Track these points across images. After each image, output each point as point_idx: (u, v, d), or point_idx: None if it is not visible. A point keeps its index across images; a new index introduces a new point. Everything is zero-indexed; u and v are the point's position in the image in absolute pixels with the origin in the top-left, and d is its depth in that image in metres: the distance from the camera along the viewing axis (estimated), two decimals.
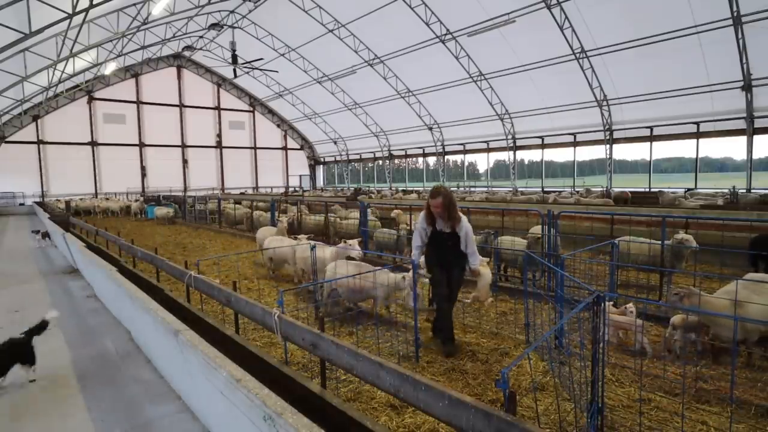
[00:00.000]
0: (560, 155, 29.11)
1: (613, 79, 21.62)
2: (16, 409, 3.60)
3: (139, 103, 35.39)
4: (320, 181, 46.78)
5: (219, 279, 5.92)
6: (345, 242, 6.67)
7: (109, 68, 28.40)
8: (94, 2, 13.45)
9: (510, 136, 28.33)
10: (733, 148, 21.34)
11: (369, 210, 11.06)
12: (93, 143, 33.40)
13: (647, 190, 22.54)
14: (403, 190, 29.56)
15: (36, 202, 28.03)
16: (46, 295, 7.22)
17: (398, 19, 23.82)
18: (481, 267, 5.18)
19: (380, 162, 39.59)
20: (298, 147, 45.31)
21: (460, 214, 4.76)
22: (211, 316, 5.33)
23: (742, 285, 4.23)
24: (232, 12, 28.83)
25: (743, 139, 19.30)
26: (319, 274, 6.17)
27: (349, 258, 6.22)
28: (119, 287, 5.16)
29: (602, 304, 2.83)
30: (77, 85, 30.17)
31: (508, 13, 20.33)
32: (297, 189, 39.61)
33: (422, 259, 5.00)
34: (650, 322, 5.31)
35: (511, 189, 26.33)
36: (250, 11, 28.35)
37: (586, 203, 15.78)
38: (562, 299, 4.32)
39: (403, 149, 36.60)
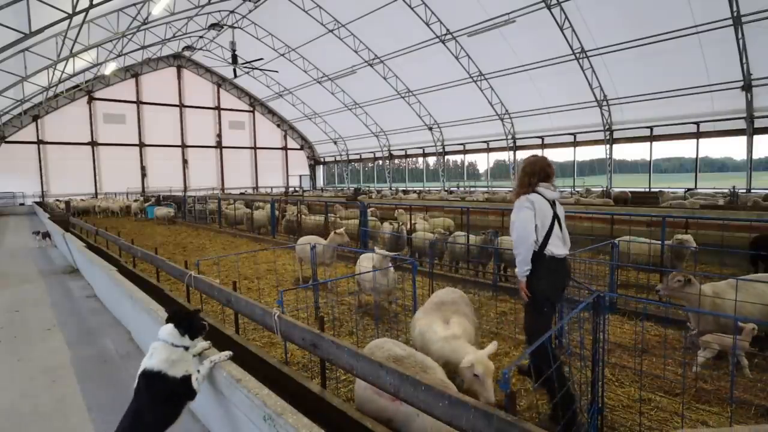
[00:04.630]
0: (560, 155, 29.09)
1: (613, 79, 21.62)
2: (17, 408, 3.60)
3: (139, 103, 35.38)
4: (320, 181, 46.78)
5: (219, 279, 5.92)
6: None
7: (109, 68, 28.40)
8: (94, 2, 13.45)
9: (510, 136, 28.33)
10: (733, 148, 21.38)
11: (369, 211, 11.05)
12: (93, 143, 33.40)
13: (647, 190, 22.54)
14: (403, 191, 29.56)
15: (36, 202, 28.04)
16: (46, 295, 7.22)
17: (398, 19, 23.82)
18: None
19: (380, 162, 39.59)
20: (298, 147, 45.31)
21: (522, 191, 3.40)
22: (211, 316, 5.33)
23: (725, 282, 4.46)
24: (232, 12, 28.83)
25: (743, 139, 19.31)
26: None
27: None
28: (119, 287, 5.16)
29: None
30: (77, 85, 30.18)
31: (508, 13, 20.33)
32: (297, 189, 39.61)
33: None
34: (650, 322, 5.30)
35: (511, 189, 26.32)
36: (250, 11, 28.36)
37: (586, 203, 15.77)
38: (562, 299, 4.32)
39: (403, 149, 36.60)
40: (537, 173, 3.38)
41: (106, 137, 33.95)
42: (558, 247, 3.31)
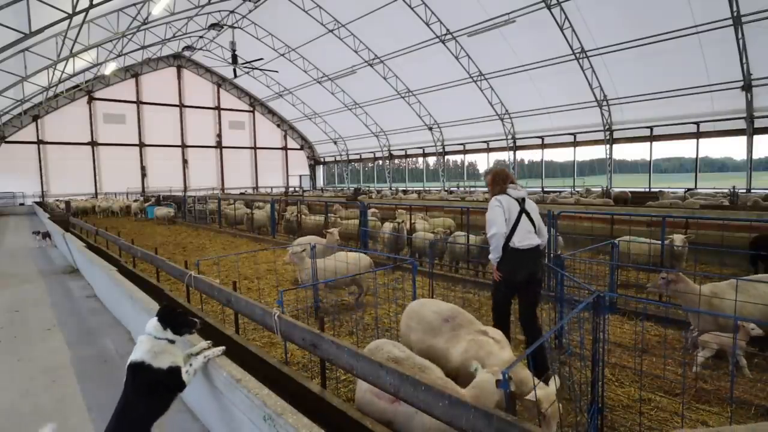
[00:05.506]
0: (560, 155, 29.13)
1: (613, 79, 21.62)
2: (17, 408, 3.60)
3: (139, 103, 35.39)
4: (320, 181, 46.78)
5: (219, 279, 5.92)
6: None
7: (109, 68, 28.40)
8: (94, 2, 13.45)
9: (510, 136, 28.33)
10: (733, 148, 21.38)
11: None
12: (93, 143, 33.40)
13: (647, 190, 22.54)
14: (403, 191, 29.56)
15: (36, 202, 28.04)
16: (46, 295, 7.22)
17: (398, 19, 23.82)
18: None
19: (380, 162, 39.59)
20: (298, 147, 45.31)
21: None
22: (211, 316, 5.33)
23: (726, 282, 4.45)
24: (232, 12, 28.83)
25: (743, 139, 19.31)
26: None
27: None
28: (119, 287, 5.16)
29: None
30: (77, 85, 30.18)
31: (508, 13, 20.33)
32: (297, 189, 39.61)
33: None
34: (650, 322, 5.30)
35: None
36: (250, 11, 28.36)
37: (586, 203, 15.77)
38: (562, 299, 4.33)
39: (403, 149, 36.60)
40: (505, 179, 4.16)
41: (106, 137, 33.95)
42: (523, 239, 3.95)
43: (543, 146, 27.87)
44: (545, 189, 26.33)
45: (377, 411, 2.76)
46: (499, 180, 4.15)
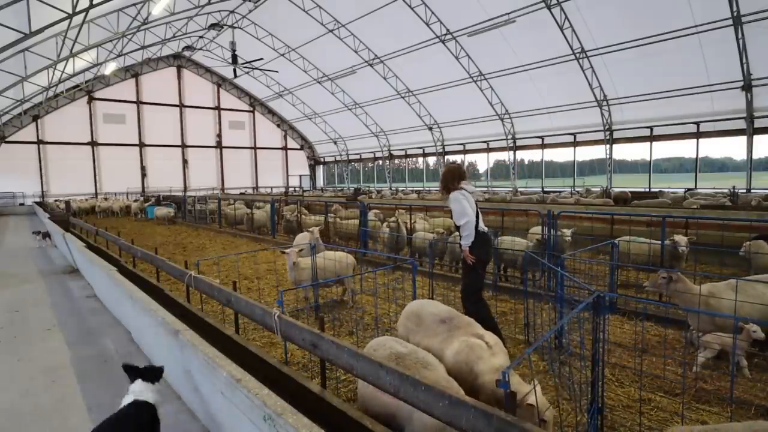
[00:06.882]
0: (560, 155, 29.11)
1: (613, 79, 21.62)
2: (17, 408, 3.60)
3: (139, 103, 35.37)
4: (320, 181, 46.77)
5: (219, 279, 5.91)
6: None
7: (109, 68, 28.40)
8: (94, 2, 13.45)
9: (510, 136, 28.33)
10: (733, 148, 21.38)
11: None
12: (93, 143, 33.39)
13: (647, 190, 22.53)
14: (403, 191, 29.55)
15: (36, 202, 28.04)
16: (46, 295, 7.22)
17: (398, 19, 23.81)
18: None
19: (380, 162, 39.59)
20: (298, 147, 45.30)
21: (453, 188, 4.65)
22: (211, 316, 5.33)
23: (725, 283, 4.45)
24: (232, 12, 28.83)
25: (743, 139, 19.30)
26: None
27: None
28: (119, 287, 5.16)
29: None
30: (77, 85, 30.17)
31: (508, 13, 20.33)
32: (297, 189, 39.60)
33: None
34: (650, 322, 5.30)
35: (511, 189, 26.33)
36: (250, 11, 28.36)
37: (586, 203, 15.77)
38: (562, 299, 4.33)
39: (403, 149, 36.59)
40: (458, 176, 4.69)
41: (106, 137, 33.94)
42: (483, 225, 4.70)
43: (543, 146, 27.86)
44: (545, 189, 26.31)
45: (380, 405, 2.76)
46: (455, 177, 4.70)
